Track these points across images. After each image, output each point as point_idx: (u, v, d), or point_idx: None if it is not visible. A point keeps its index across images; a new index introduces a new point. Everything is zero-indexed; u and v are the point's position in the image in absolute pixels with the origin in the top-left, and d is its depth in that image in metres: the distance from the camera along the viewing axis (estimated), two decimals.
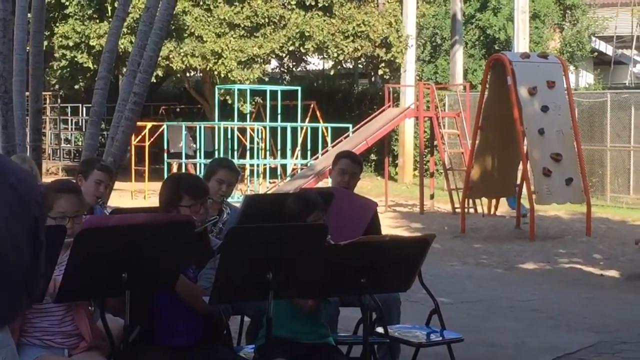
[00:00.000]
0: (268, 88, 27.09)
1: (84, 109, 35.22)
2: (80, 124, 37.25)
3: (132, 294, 4.80)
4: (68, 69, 28.87)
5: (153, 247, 4.80)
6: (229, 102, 27.87)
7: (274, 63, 32.38)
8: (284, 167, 26.58)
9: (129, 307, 4.80)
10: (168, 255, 4.88)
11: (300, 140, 26.62)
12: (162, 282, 4.98)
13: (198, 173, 22.65)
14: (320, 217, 5.78)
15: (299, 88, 26.82)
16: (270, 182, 26.02)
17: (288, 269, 5.01)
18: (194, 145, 28.12)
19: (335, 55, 28.88)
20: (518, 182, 18.58)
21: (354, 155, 7.62)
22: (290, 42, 28.22)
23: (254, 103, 29.18)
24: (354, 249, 5.24)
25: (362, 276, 5.26)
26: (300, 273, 5.11)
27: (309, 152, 26.51)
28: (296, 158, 26.88)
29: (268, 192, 21.19)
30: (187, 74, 30.97)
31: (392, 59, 29.51)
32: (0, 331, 3.31)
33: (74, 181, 6.50)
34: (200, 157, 25.49)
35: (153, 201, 22.44)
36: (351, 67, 35.64)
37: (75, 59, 27.90)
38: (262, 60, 28.64)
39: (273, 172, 27.02)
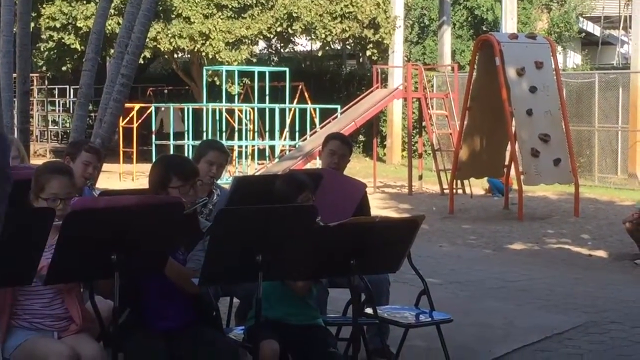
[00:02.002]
0: (256, 69, 27.05)
1: (72, 90, 35.10)
2: (67, 106, 37.12)
3: (121, 276, 4.79)
4: (55, 51, 28.77)
5: (142, 229, 4.79)
6: (217, 83, 27.83)
7: (261, 44, 32.33)
8: (272, 148, 26.57)
9: (118, 290, 4.79)
10: (157, 237, 4.86)
11: (288, 121, 26.59)
12: (151, 264, 4.96)
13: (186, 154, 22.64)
14: (310, 197, 5.79)
15: (287, 69, 26.79)
16: (258, 164, 26.02)
17: (277, 250, 5.00)
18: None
19: (323, 36, 28.83)
20: (506, 162, 18.61)
21: (343, 137, 7.63)
22: (278, 23, 28.15)
23: (242, 84, 29.14)
24: (343, 230, 5.24)
25: (352, 257, 5.26)
26: (289, 254, 5.10)
27: (297, 134, 26.51)
28: (284, 139, 26.87)
29: (256, 174, 21.18)
30: (175, 55, 30.90)
31: (380, 40, 29.47)
32: None
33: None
34: (188, 139, 25.43)
35: (141, 183, 22.41)
36: (339, 48, 35.61)
37: (63, 41, 27.81)
38: (250, 42, 28.58)
39: (261, 154, 27.01)
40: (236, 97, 28.24)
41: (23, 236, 4.53)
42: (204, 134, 25.36)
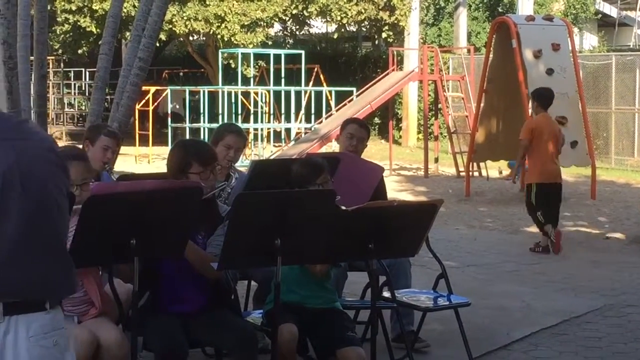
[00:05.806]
0: (271, 52, 26.99)
1: (87, 73, 35.16)
2: (83, 89, 37.18)
3: (140, 260, 4.80)
4: (71, 34, 28.78)
5: (161, 213, 4.79)
6: (233, 66, 27.80)
7: (277, 27, 32.26)
8: (287, 131, 26.56)
9: (137, 274, 4.80)
10: (176, 221, 4.86)
11: (304, 104, 26.56)
12: (170, 249, 4.96)
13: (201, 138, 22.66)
14: (328, 180, 5.79)
15: (303, 52, 26.74)
16: (274, 146, 26.01)
17: (296, 234, 5.00)
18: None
19: (339, 18, 28.74)
20: None
21: (361, 121, 7.74)
22: (294, 5, 28.09)
23: (257, 67, 29.10)
24: (362, 214, 5.24)
25: (370, 241, 5.26)
26: (308, 238, 5.09)
27: (312, 116, 26.48)
28: (300, 122, 26.85)
29: (273, 157, 21.19)
30: (190, 38, 30.88)
31: (395, 22, 29.36)
32: (53, 310, 3.11)
33: (81, 148, 6.48)
34: (204, 122, 25.43)
35: (157, 165, 22.46)
36: (354, 30, 35.49)
37: (78, 24, 27.80)
38: (265, 24, 28.51)
39: (277, 136, 27.00)
40: (252, 79, 28.21)
41: None
42: (220, 116, 25.36)
